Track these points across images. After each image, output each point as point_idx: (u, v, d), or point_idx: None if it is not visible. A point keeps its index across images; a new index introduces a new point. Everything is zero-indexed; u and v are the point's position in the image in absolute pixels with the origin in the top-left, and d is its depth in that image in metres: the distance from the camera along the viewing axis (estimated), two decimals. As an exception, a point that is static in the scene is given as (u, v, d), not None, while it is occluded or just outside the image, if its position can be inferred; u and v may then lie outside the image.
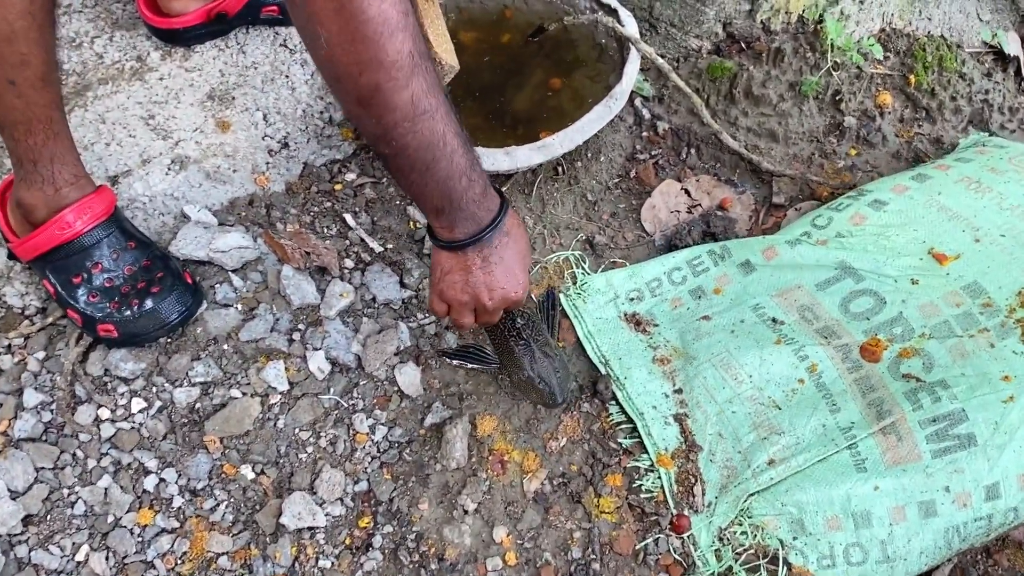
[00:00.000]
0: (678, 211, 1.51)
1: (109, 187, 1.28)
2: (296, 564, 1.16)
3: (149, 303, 1.21)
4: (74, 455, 1.18)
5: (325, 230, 1.42)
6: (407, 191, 1.05)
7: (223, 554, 1.16)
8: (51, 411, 1.20)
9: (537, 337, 1.25)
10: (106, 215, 1.24)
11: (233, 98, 1.51)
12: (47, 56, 1.11)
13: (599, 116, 1.42)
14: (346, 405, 1.27)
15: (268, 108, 1.51)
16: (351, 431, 1.26)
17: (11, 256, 1.29)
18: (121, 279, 1.23)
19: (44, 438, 1.19)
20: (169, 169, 1.41)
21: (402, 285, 1.38)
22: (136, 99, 1.47)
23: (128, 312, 1.21)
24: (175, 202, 1.39)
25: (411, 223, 1.46)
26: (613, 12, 1.55)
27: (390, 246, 1.42)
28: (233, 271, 1.32)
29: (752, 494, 1.20)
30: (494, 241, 1.07)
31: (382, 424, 1.27)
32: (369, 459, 1.24)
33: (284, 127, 1.51)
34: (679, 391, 1.31)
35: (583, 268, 1.44)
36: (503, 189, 1.50)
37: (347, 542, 1.19)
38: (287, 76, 1.55)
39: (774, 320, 1.33)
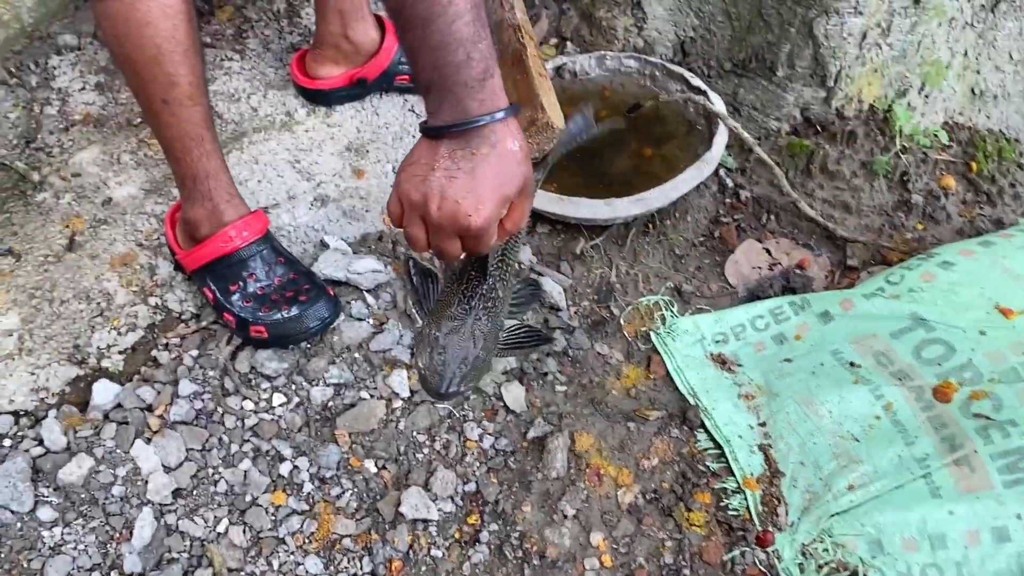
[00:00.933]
0: (759, 267, 1.66)
1: (264, 211, 1.47)
2: (411, 551, 1.27)
3: (295, 310, 1.38)
4: (220, 440, 1.33)
5: (442, 265, 1.59)
6: (407, 58, 0.94)
7: (347, 536, 1.27)
8: (202, 400, 1.36)
9: (482, 314, 1.04)
10: (261, 233, 1.42)
11: (367, 151, 1.72)
12: (193, 77, 1.28)
13: (692, 177, 1.59)
14: (458, 415, 1.41)
15: (396, 161, 1.72)
16: (462, 438, 1.38)
17: (176, 267, 1.47)
18: (272, 288, 1.41)
19: (195, 423, 1.34)
20: (312, 205, 1.61)
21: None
22: (285, 146, 1.68)
23: (277, 316, 1.37)
24: (315, 233, 1.58)
25: (516, 264, 1.63)
26: (703, 93, 1.75)
27: (499, 283, 1.59)
28: (367, 291, 1.49)
29: (833, 515, 1.30)
30: (473, 143, 0.89)
31: (489, 434, 1.40)
32: (478, 464, 1.36)
33: (408, 177, 1.70)
34: (763, 424, 1.43)
35: (672, 311, 1.58)
36: (598, 241, 1.67)
37: (457, 536, 1.30)
38: (413, 136, 1.76)
39: (852, 364, 1.45)
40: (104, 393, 1.34)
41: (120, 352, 1.40)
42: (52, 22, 1.83)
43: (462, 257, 0.99)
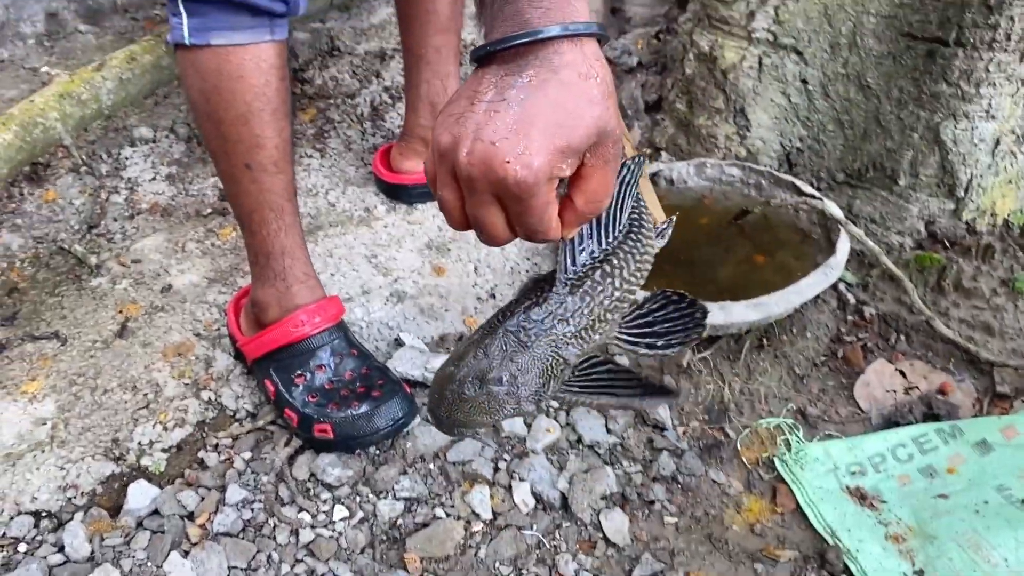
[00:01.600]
0: (894, 391, 1.44)
1: (339, 297, 1.31)
2: None
3: (366, 407, 1.19)
4: (269, 557, 1.11)
5: (530, 373, 1.40)
6: None
7: None
8: (252, 509, 1.15)
9: (527, 334, 0.69)
10: (334, 321, 1.26)
11: (449, 249, 1.57)
12: (280, 141, 1.17)
13: (816, 283, 1.41)
14: (548, 545, 1.18)
15: (479, 261, 1.57)
16: (554, 572, 1.15)
17: (237, 356, 1.31)
18: (341, 383, 1.23)
19: (242, 535, 1.13)
20: (387, 300, 1.45)
21: (608, 431, 1.32)
22: (362, 240, 1.55)
23: (345, 414, 1.19)
24: (390, 330, 1.42)
25: (614, 377, 1.43)
26: (817, 200, 1.59)
27: (594, 395, 1.39)
28: (446, 393, 1.30)
29: None
30: (530, 66, 0.62)
31: (587, 570, 1.16)
32: (573, 605, 1.12)
33: (493, 279, 1.55)
34: (920, 572, 1.17)
35: (798, 436, 1.35)
36: (707, 354, 1.47)
37: None
38: (498, 236, 1.62)
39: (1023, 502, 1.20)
40: (140, 496, 1.15)
41: (163, 450, 1.21)
42: (130, 113, 1.77)
43: (507, 237, 0.66)
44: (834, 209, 1.56)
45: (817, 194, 1.62)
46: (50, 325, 1.37)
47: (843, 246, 1.49)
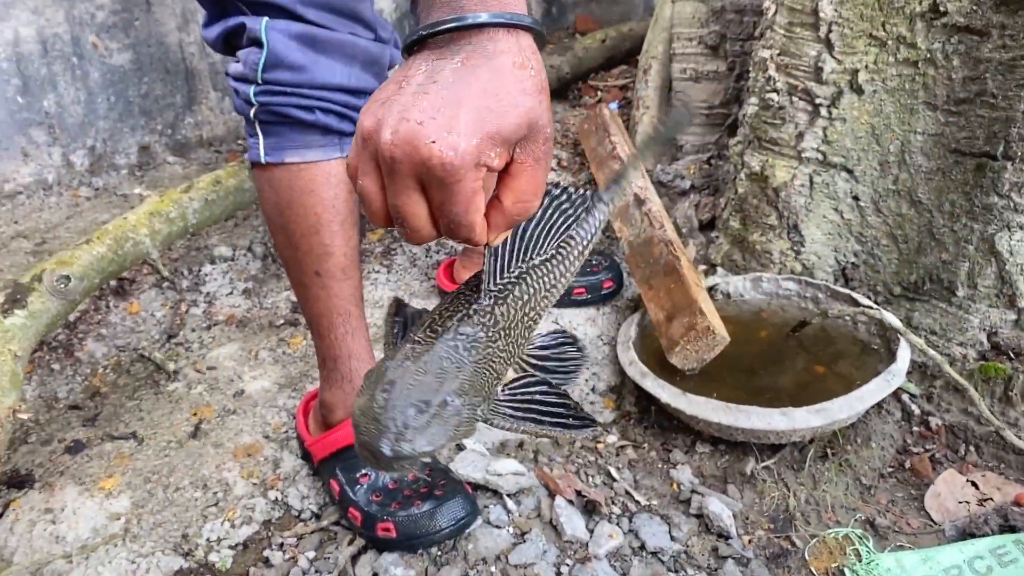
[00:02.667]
0: (967, 502, 1.40)
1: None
2: None
3: (428, 505, 1.21)
4: (330, 657, 1.11)
5: (590, 479, 1.41)
6: None
7: None
8: (314, 608, 1.16)
9: (460, 342, 0.65)
10: (399, 423, 1.29)
11: (509, 357, 1.61)
12: (348, 249, 1.24)
13: (878, 388, 1.40)
14: (612, 653, 1.15)
15: (539, 370, 1.60)
16: None
17: (304, 456, 1.34)
18: (404, 483, 1.25)
19: (303, 634, 1.13)
20: (449, 406, 1.48)
21: (672, 538, 1.31)
22: (424, 349, 1.60)
23: (408, 513, 1.20)
24: (451, 435, 1.44)
25: (674, 484, 1.42)
26: (875, 310, 1.60)
27: (655, 502, 1.38)
28: (508, 495, 1.31)
29: None
30: (463, 51, 0.60)
31: None
32: None
33: (552, 387, 1.57)
34: None
35: (868, 547, 1.32)
36: (770, 463, 1.46)
37: None
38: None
39: (1115, 619, 1.14)
40: (206, 591, 1.16)
41: (231, 547, 1.23)
42: (211, 232, 1.89)
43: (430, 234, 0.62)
44: (893, 319, 1.57)
45: (875, 305, 1.63)
46: (128, 426, 1.43)
47: (904, 353, 1.49)
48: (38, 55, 2.04)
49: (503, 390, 0.69)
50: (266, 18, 1.11)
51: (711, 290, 1.77)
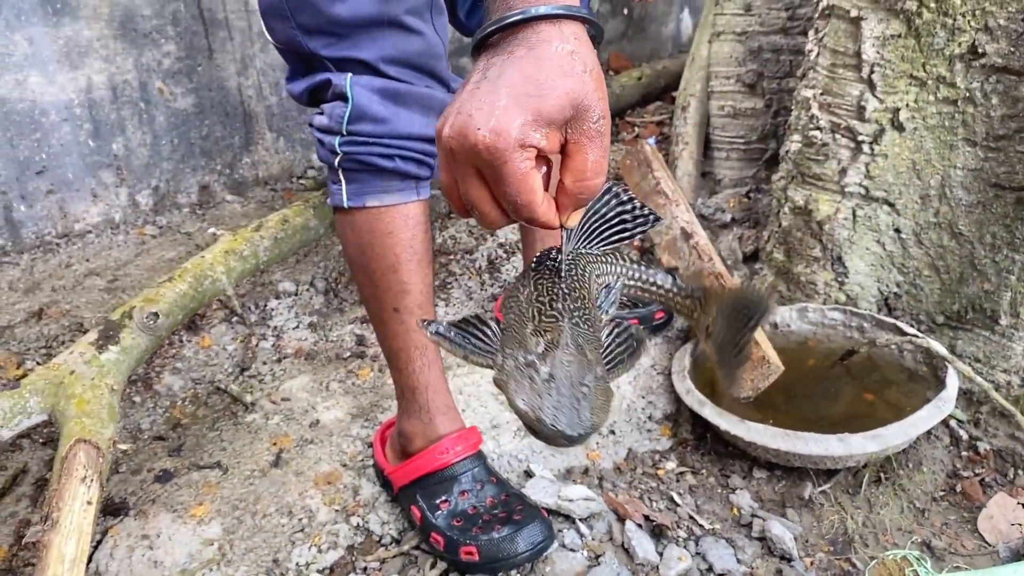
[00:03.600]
0: (1020, 524, 1.45)
1: (477, 427, 1.42)
2: None
3: (508, 530, 1.27)
4: (420, 674, 1.17)
5: (654, 504, 1.47)
6: None
7: None
8: (403, 628, 1.22)
9: (578, 318, 0.71)
10: (474, 450, 1.36)
11: (568, 387, 1.68)
12: (424, 286, 1.31)
13: (931, 415, 1.46)
14: (687, 671, 1.20)
15: (598, 399, 1.66)
16: None
17: (383, 484, 1.41)
18: (483, 508, 1.31)
19: (394, 653, 1.19)
20: (516, 434, 1.55)
21: (738, 560, 1.36)
22: (488, 379, 1.67)
23: (489, 536, 1.26)
24: (519, 462, 1.51)
25: (734, 509, 1.48)
26: (921, 339, 1.66)
27: (718, 526, 1.43)
28: (580, 519, 1.37)
29: None
30: (509, 47, 0.65)
31: None
32: None
33: (611, 416, 1.64)
34: None
35: (926, 568, 1.37)
36: (827, 487, 1.51)
37: None
38: (613, 376, 1.72)
39: None
40: (299, 612, 1.23)
41: (319, 571, 1.30)
42: (275, 269, 1.98)
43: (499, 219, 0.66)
44: (939, 347, 1.63)
45: (921, 334, 1.69)
46: (212, 456, 1.50)
47: (952, 381, 1.55)
48: (109, 101, 2.14)
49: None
50: (350, 74, 1.20)
51: (759, 320, 1.83)
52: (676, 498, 1.48)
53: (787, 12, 2.24)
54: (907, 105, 1.71)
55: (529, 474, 1.48)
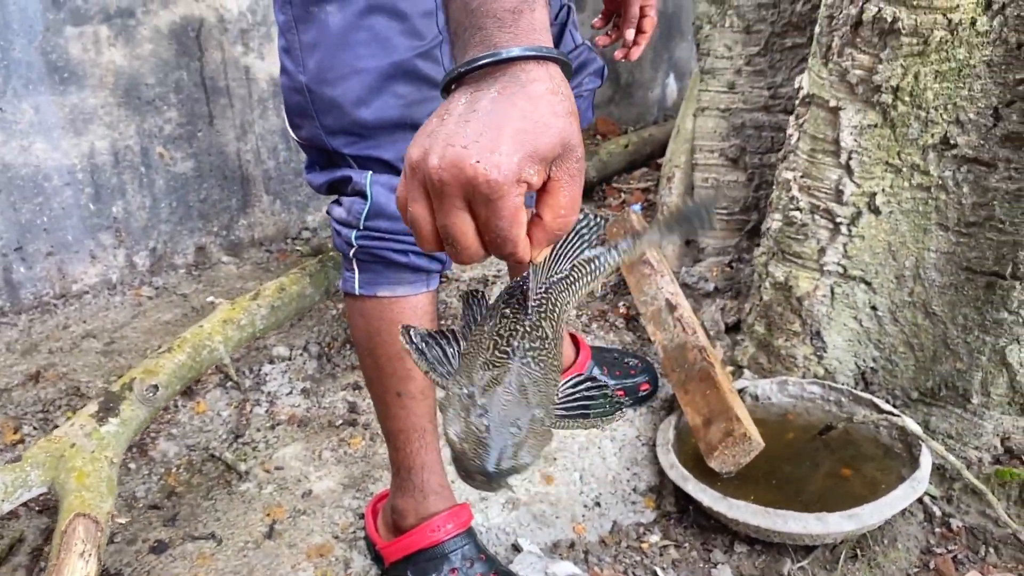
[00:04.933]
0: (990, 603, 1.50)
1: (468, 504, 1.46)
2: None
3: (497, 609, 1.30)
4: None
5: (638, 579, 1.51)
6: (445, 21, 0.75)
7: None
8: None
9: (530, 358, 0.71)
10: (465, 527, 1.40)
11: (555, 458, 1.72)
12: None
13: (905, 494, 1.52)
14: None
15: (584, 470, 1.71)
16: None
17: (375, 559, 1.44)
18: (473, 584, 1.35)
19: None
20: (503, 507, 1.59)
21: (717, 637, 1.40)
22: (477, 450, 1.71)
23: (478, 614, 1.30)
24: (507, 535, 1.54)
25: (716, 584, 1.52)
26: (896, 417, 1.72)
27: (700, 602, 1.48)
28: (566, 596, 1.41)
29: None
30: (498, 83, 0.66)
31: None
32: None
33: (597, 488, 1.68)
34: None
35: (899, 646, 1.41)
36: (805, 564, 1.56)
37: None
38: (599, 448, 1.77)
39: None
40: None
41: (310, 645, 1.33)
42: (271, 334, 2.02)
43: (480, 254, 0.67)
44: (913, 426, 1.69)
45: (895, 411, 1.75)
46: (206, 526, 1.53)
47: (926, 460, 1.61)
48: (110, 165, 2.20)
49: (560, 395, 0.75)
50: (370, 172, 1.25)
51: (740, 392, 1.89)
52: (660, 572, 1.52)
53: (769, 91, 2.33)
54: (883, 190, 1.79)
55: (517, 548, 1.52)
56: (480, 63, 0.66)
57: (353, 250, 1.28)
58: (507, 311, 0.74)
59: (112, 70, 2.16)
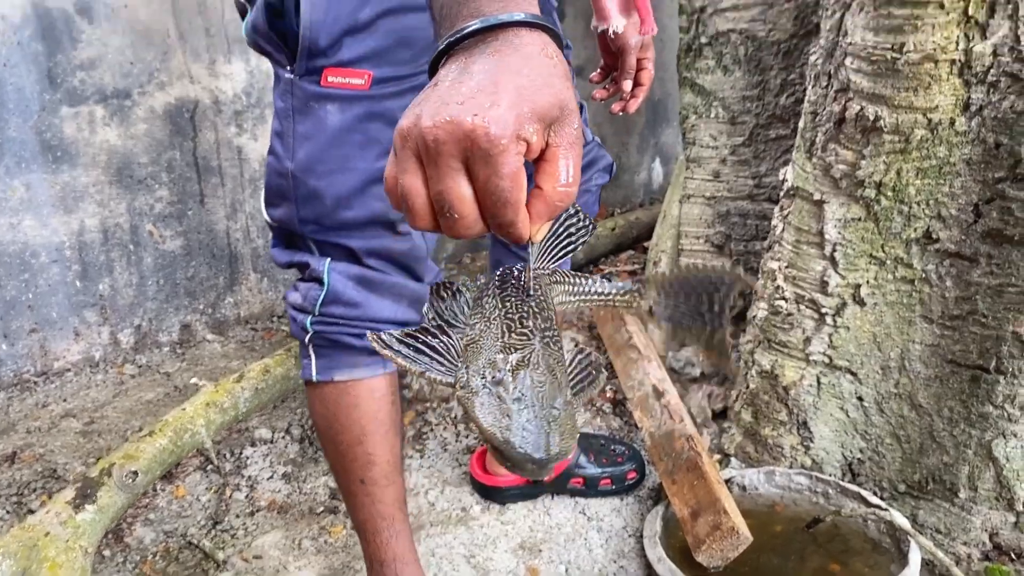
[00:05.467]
0: None
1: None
2: None
3: None
4: None
5: None
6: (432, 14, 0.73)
7: None
8: None
9: (549, 338, 0.69)
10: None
11: (540, 550, 1.69)
12: (391, 456, 1.34)
13: (895, 594, 1.49)
14: None
15: (570, 563, 1.68)
16: None
17: (354, 656, 1.40)
18: None
19: None
20: (488, 601, 1.56)
21: None
22: (460, 540, 1.68)
23: None
24: (491, 631, 1.51)
25: None
26: (884, 511, 1.71)
27: None
28: None
29: None
30: (490, 47, 0.64)
31: None
32: None
33: (583, 581, 1.65)
34: None
35: None
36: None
37: None
38: (585, 539, 1.74)
39: None
40: None
41: None
42: (253, 415, 2.00)
43: (477, 226, 0.63)
44: (902, 520, 1.67)
45: (884, 505, 1.74)
46: (181, 619, 1.48)
47: (915, 556, 1.59)
48: (99, 243, 2.20)
49: None
50: (329, 259, 1.25)
51: (728, 482, 1.87)
52: (646, 672, 1.48)
53: (754, 180, 2.38)
54: (867, 282, 1.81)
55: (501, 644, 1.48)
56: (470, 29, 0.64)
57: (308, 335, 1.28)
58: (509, 295, 0.71)
59: (105, 149, 2.18)
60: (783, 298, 1.94)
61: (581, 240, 0.79)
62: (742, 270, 0.90)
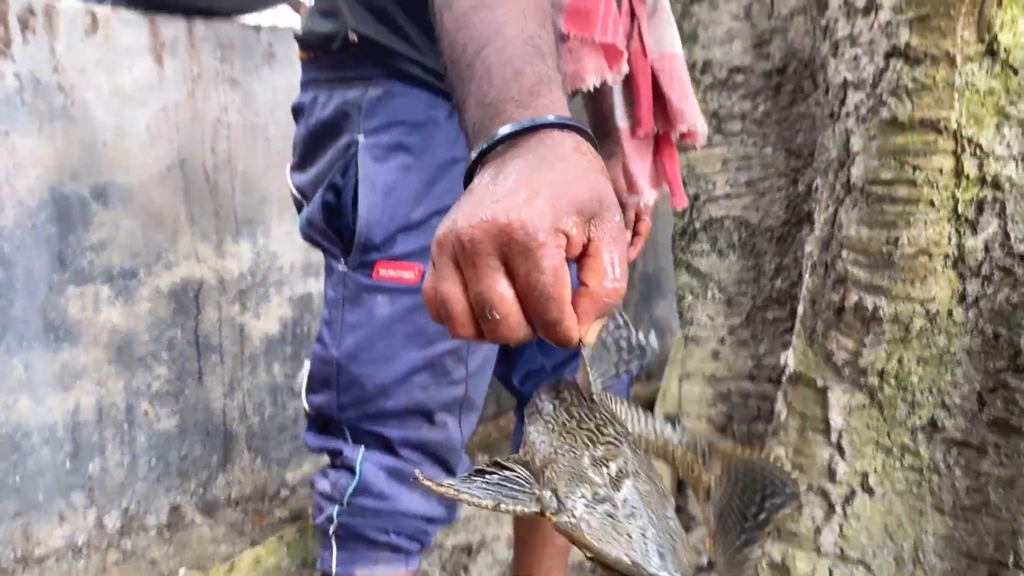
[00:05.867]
0: None
1: None
2: None
3: None
4: None
5: None
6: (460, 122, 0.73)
7: None
8: None
9: (639, 448, 0.63)
10: None
11: None
12: None
13: None
14: None
15: None
16: None
17: None
18: None
19: None
20: None
21: None
22: None
23: None
24: None
25: None
26: None
27: None
28: None
29: None
30: (523, 149, 0.63)
31: None
32: None
33: None
34: None
35: None
36: None
37: None
38: None
39: None
40: None
41: None
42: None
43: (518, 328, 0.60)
44: None
45: None
46: None
47: None
48: (93, 423, 2.16)
49: None
50: (363, 448, 1.24)
51: None
52: None
53: (753, 361, 2.39)
54: (875, 470, 1.78)
55: None
56: (502, 134, 0.64)
57: (333, 527, 1.24)
58: (572, 407, 0.66)
59: (108, 328, 2.18)
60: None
61: (635, 362, 0.73)
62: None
